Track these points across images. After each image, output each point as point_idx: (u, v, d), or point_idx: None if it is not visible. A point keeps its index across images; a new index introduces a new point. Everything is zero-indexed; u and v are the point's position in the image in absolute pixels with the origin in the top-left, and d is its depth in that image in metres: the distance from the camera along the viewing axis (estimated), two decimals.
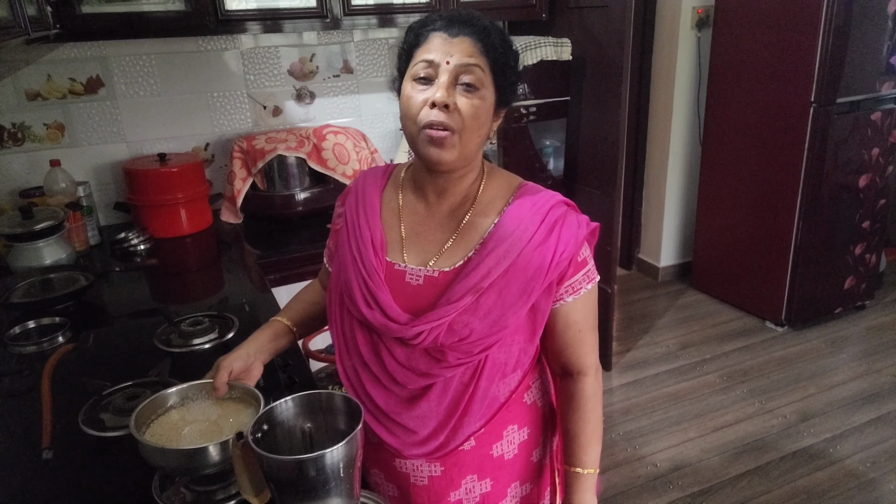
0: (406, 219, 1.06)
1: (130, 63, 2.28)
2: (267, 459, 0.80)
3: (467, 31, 0.94)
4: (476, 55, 0.93)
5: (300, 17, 2.20)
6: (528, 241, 0.97)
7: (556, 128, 2.91)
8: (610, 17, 2.50)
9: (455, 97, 0.93)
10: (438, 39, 0.94)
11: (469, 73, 0.93)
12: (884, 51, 2.98)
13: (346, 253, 1.05)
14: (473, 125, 0.94)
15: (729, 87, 3.30)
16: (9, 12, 1.28)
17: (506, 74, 0.97)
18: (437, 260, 1.01)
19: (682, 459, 2.44)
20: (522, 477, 1.13)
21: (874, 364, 3.01)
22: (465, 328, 0.96)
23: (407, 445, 1.04)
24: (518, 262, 0.97)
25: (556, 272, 0.98)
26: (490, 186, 1.05)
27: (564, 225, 0.99)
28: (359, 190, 1.11)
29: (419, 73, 0.94)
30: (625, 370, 3.03)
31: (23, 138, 2.21)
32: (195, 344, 1.41)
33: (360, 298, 1.01)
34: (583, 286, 1.02)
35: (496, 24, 0.99)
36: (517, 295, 0.97)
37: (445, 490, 1.08)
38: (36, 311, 1.61)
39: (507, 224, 0.99)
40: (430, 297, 0.99)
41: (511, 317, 0.97)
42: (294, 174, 2.34)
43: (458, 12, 0.98)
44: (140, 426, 0.96)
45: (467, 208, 1.03)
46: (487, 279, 0.96)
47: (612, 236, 2.72)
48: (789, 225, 3.14)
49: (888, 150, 3.20)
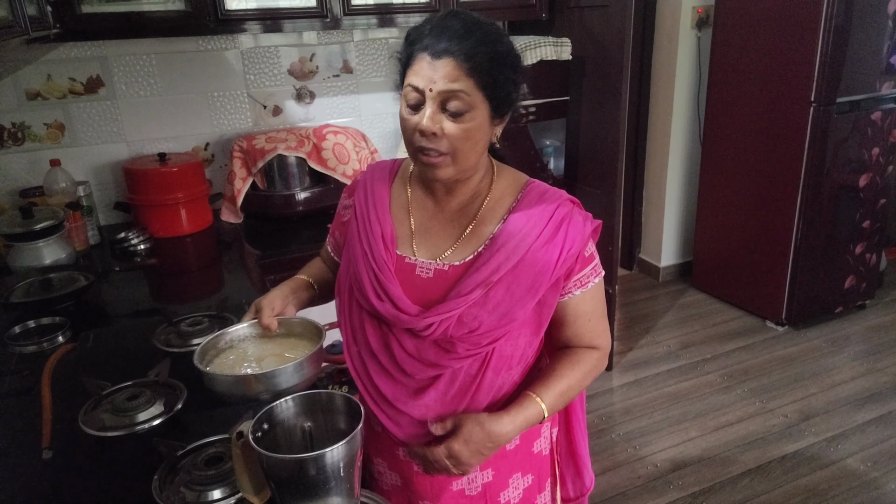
0: (416, 213, 1.08)
1: (130, 63, 2.28)
2: (267, 458, 0.79)
3: (454, 49, 0.91)
4: (461, 78, 0.91)
5: (300, 17, 2.20)
6: (537, 238, 1.00)
7: (556, 127, 2.91)
8: (610, 16, 2.50)
9: (443, 122, 0.93)
10: (423, 62, 0.93)
11: (454, 98, 0.92)
12: (884, 50, 2.98)
13: (357, 246, 1.07)
14: (465, 146, 0.95)
15: (729, 87, 3.30)
16: (9, 12, 1.28)
17: (497, 88, 0.95)
18: (447, 254, 1.04)
19: (682, 459, 2.43)
20: (524, 468, 1.15)
21: (875, 363, 3.01)
22: (474, 320, 0.98)
23: (411, 436, 1.05)
24: (527, 259, 0.99)
25: (563, 268, 1.01)
26: (499, 184, 1.07)
27: (571, 223, 1.02)
28: (367, 184, 1.12)
29: (409, 100, 0.95)
30: (625, 370, 3.03)
31: (23, 138, 2.21)
32: (195, 344, 1.40)
33: (371, 291, 1.03)
34: (591, 280, 1.05)
35: (490, 31, 0.95)
36: (525, 290, 0.99)
37: (448, 479, 1.09)
38: (36, 311, 1.61)
39: (516, 221, 1.02)
40: (439, 290, 1.01)
41: (519, 310, 0.99)
42: (294, 174, 2.34)
43: (450, 21, 0.94)
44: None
45: (478, 205, 1.05)
46: (497, 274, 0.98)
47: (613, 236, 2.72)
48: (790, 224, 3.14)
49: (888, 150, 3.20)
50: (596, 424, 2.65)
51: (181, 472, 1.01)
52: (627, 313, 3.59)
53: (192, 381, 1.25)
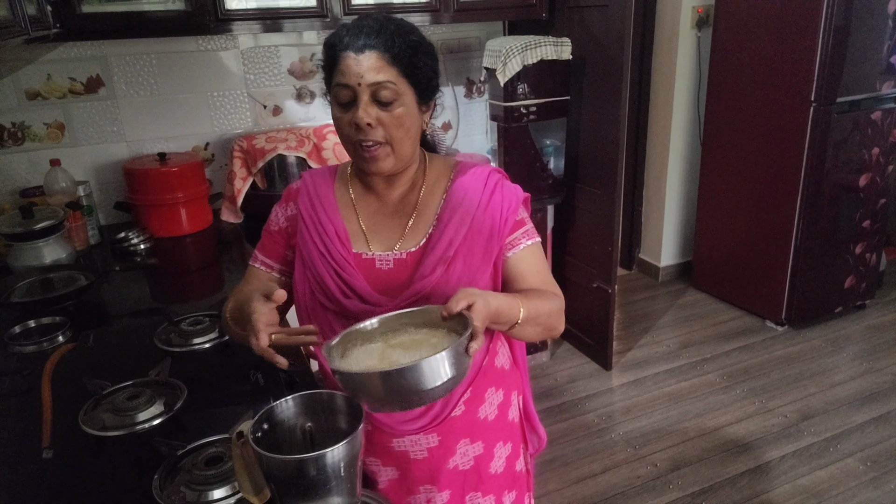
0: (362, 211, 1.12)
1: (130, 62, 2.28)
2: (267, 459, 0.79)
3: (373, 43, 0.97)
4: (385, 68, 0.97)
5: (300, 17, 2.20)
6: (477, 206, 1.08)
7: (556, 127, 2.91)
8: (610, 16, 2.50)
9: (376, 112, 0.98)
10: (348, 60, 0.97)
11: (382, 89, 0.97)
12: (884, 50, 2.98)
13: (312, 250, 1.09)
14: (400, 133, 1.01)
15: (729, 87, 3.30)
16: (9, 12, 1.28)
17: (418, 75, 1.01)
18: (401, 243, 1.09)
19: (682, 459, 2.44)
20: (504, 436, 1.21)
21: (875, 363, 3.01)
22: (441, 299, 1.00)
23: (403, 423, 1.10)
24: (474, 226, 1.06)
25: (507, 228, 1.08)
26: (433, 169, 1.14)
27: (504, 188, 1.11)
28: (310, 188, 1.14)
29: (341, 99, 1.00)
30: (625, 370, 3.03)
31: (23, 138, 2.21)
32: (195, 343, 1.41)
33: (336, 290, 1.05)
34: (522, 241, 1.10)
35: (402, 25, 1.01)
36: (481, 256, 1.06)
37: (444, 458, 1.13)
38: (36, 311, 1.61)
39: (455, 196, 1.09)
40: (402, 277, 1.07)
41: (480, 279, 1.06)
42: (294, 174, 2.34)
43: (364, 22, 1.00)
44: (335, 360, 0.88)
45: (417, 192, 1.11)
46: (452, 248, 1.05)
47: (613, 236, 2.72)
48: (789, 224, 3.14)
49: (888, 150, 3.20)
50: (596, 424, 2.65)
51: (181, 472, 1.01)
52: (627, 313, 3.59)
53: (192, 381, 1.26)
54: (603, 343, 2.98)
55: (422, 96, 1.03)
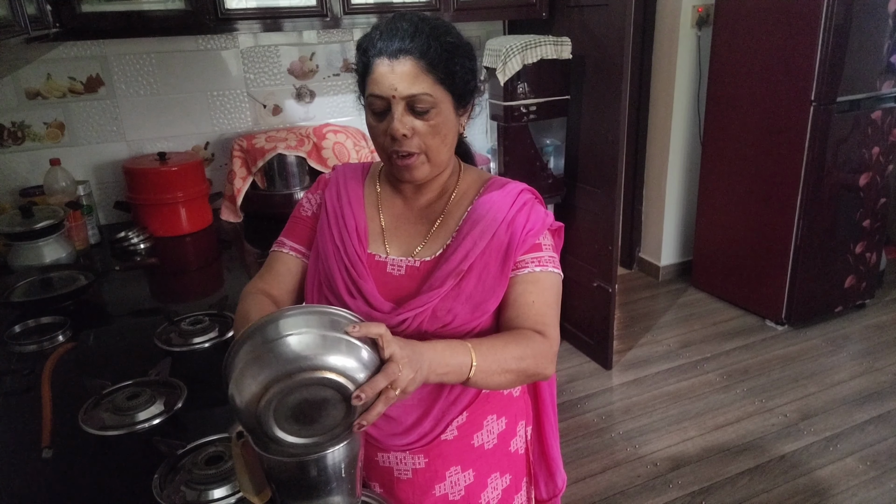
0: (385, 211, 1.09)
1: (130, 62, 2.28)
2: (268, 459, 0.79)
3: (407, 47, 0.92)
4: (420, 76, 0.93)
5: (300, 16, 2.20)
6: (501, 222, 1.01)
7: (556, 126, 2.91)
8: (610, 15, 2.50)
9: (412, 122, 0.95)
10: (383, 67, 0.93)
11: (417, 102, 0.94)
12: (884, 49, 2.98)
13: (328, 242, 1.07)
14: (436, 141, 0.97)
15: (729, 86, 3.30)
16: (9, 11, 1.28)
17: (455, 80, 0.97)
18: (418, 251, 1.05)
19: (682, 458, 2.44)
20: (502, 467, 1.14)
21: (874, 363, 3.01)
22: (448, 314, 0.98)
23: (389, 436, 1.04)
24: (493, 243, 1.00)
25: (523, 248, 1.01)
26: (465, 180, 1.09)
27: (533, 209, 1.04)
28: (339, 181, 1.12)
29: (375, 108, 0.97)
30: (625, 369, 3.03)
31: (23, 137, 2.21)
32: (195, 343, 1.41)
33: (343, 288, 1.02)
34: (528, 266, 1.01)
35: (437, 26, 0.96)
36: (496, 275, 1.00)
37: (430, 483, 1.07)
38: (36, 310, 1.61)
39: (479, 209, 1.04)
40: (411, 286, 1.02)
41: (491, 299, 1.00)
42: (294, 173, 2.34)
43: (398, 23, 0.95)
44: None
45: (445, 201, 1.07)
46: (466, 261, 0.99)
47: (613, 235, 2.72)
48: (789, 224, 3.14)
49: (888, 149, 3.20)
50: (595, 423, 2.65)
51: (181, 471, 1.01)
52: (627, 312, 3.59)
53: (192, 380, 1.26)
54: (603, 342, 2.98)
55: (459, 101, 0.99)
